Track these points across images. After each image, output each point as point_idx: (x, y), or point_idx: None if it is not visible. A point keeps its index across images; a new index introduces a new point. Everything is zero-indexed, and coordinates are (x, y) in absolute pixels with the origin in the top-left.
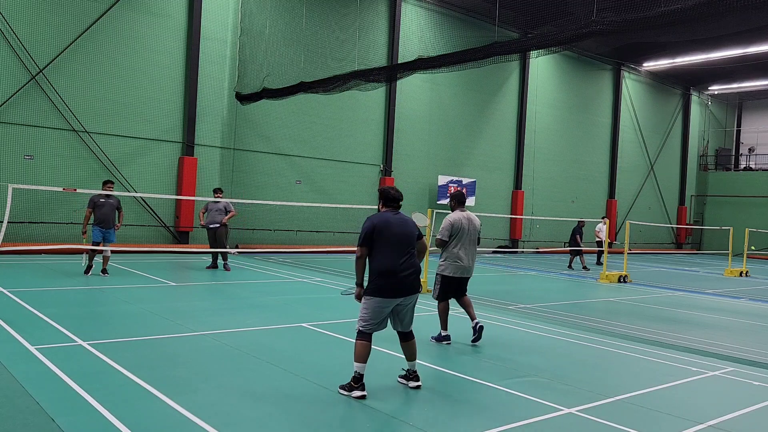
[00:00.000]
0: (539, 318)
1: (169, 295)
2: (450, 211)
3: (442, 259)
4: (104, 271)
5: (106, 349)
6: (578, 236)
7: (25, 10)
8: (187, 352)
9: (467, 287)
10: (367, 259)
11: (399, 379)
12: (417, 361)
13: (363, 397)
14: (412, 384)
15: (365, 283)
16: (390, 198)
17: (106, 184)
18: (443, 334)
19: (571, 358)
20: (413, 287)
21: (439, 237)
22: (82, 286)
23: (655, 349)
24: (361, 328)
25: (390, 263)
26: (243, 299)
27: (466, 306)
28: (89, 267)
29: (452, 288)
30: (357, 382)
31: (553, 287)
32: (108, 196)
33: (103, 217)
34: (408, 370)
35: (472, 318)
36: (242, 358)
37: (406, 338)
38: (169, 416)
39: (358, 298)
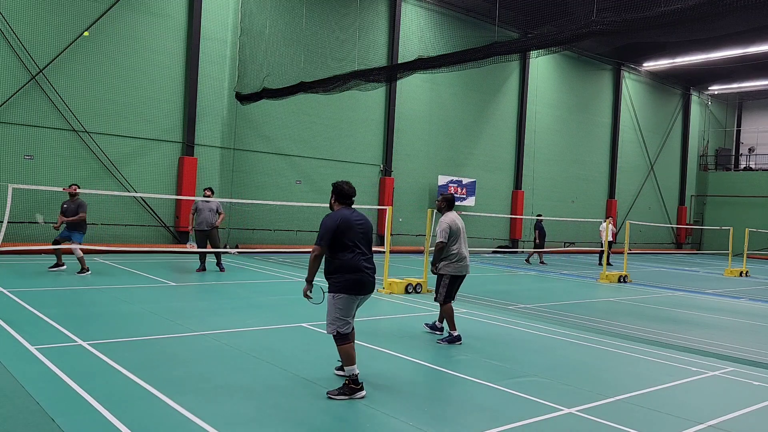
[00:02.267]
0: (539, 318)
1: (169, 295)
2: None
3: (442, 261)
4: (83, 270)
5: (106, 349)
6: (537, 231)
7: (25, 10)
8: (187, 352)
9: None
10: (331, 259)
11: (336, 371)
12: (417, 361)
13: (364, 396)
14: (339, 372)
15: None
16: (344, 194)
17: (70, 187)
18: (454, 334)
19: (571, 358)
20: (374, 285)
21: (439, 240)
22: (83, 286)
23: (655, 349)
24: (340, 330)
25: (356, 260)
26: (243, 299)
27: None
28: (57, 264)
29: (457, 287)
30: (356, 383)
31: (553, 287)
32: (72, 197)
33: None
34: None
35: (440, 320)
36: (242, 358)
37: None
38: (169, 416)
39: (305, 293)
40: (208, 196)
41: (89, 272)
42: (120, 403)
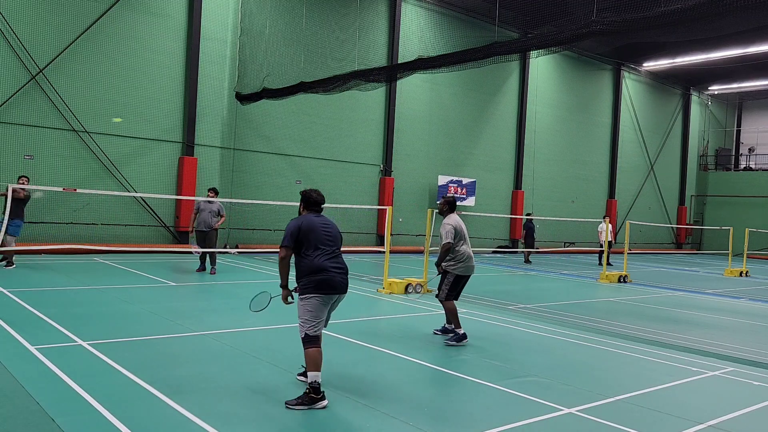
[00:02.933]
0: (539, 318)
1: (169, 295)
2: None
3: (449, 261)
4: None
5: (106, 349)
6: (525, 231)
7: (25, 10)
8: (187, 352)
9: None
10: (298, 262)
11: (298, 377)
12: (417, 361)
13: (325, 406)
14: (302, 378)
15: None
16: (312, 201)
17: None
18: (460, 332)
19: (571, 358)
20: (345, 285)
21: (447, 241)
22: (82, 286)
23: (655, 349)
24: (308, 332)
25: (321, 261)
26: (243, 299)
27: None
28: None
29: (461, 286)
30: (317, 393)
31: (553, 287)
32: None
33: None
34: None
35: (448, 322)
36: (242, 358)
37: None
38: (169, 416)
39: (285, 299)
40: (212, 197)
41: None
42: (120, 403)
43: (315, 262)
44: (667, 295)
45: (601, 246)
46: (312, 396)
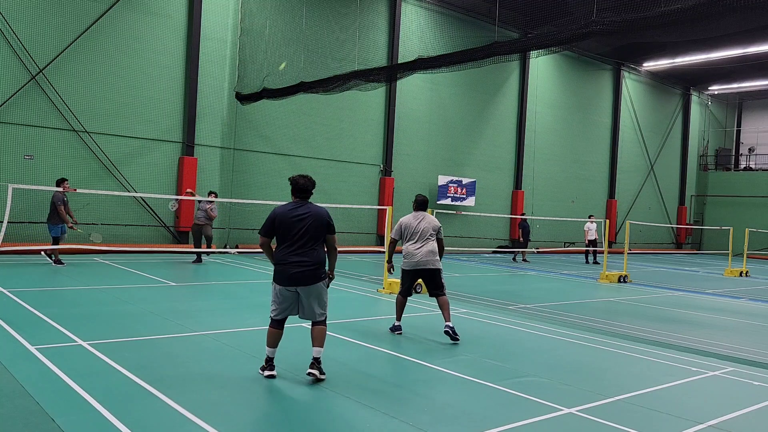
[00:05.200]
0: (539, 318)
1: (168, 295)
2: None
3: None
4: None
5: (106, 349)
6: (521, 230)
7: (25, 10)
8: (187, 352)
9: (441, 284)
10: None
11: (309, 370)
12: (417, 361)
13: (272, 376)
14: (310, 370)
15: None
16: (297, 188)
17: (62, 182)
18: (396, 324)
19: (571, 358)
20: (305, 278)
21: (391, 237)
22: (82, 286)
23: (655, 349)
24: (270, 315)
25: (282, 254)
26: (243, 299)
27: (442, 307)
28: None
29: (412, 281)
30: (267, 363)
31: (553, 287)
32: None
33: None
34: (314, 357)
35: (446, 320)
36: (242, 358)
37: (312, 324)
38: (169, 416)
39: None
40: (212, 198)
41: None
42: (120, 403)
43: (278, 255)
44: (667, 295)
45: (587, 245)
46: (263, 366)
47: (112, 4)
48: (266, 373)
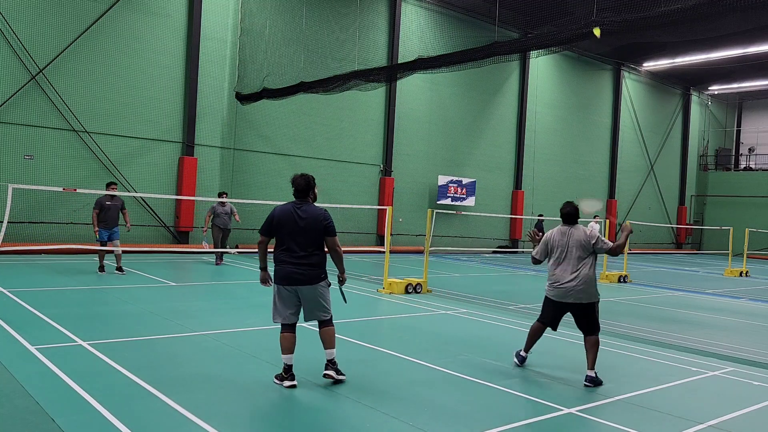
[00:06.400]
0: None
1: (169, 295)
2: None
3: None
4: (119, 268)
5: (106, 349)
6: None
7: (25, 10)
8: (187, 352)
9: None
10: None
11: (325, 371)
12: (417, 361)
13: (293, 386)
14: (325, 372)
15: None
16: (294, 188)
17: (110, 185)
18: (521, 353)
19: (571, 358)
20: (302, 279)
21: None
22: (82, 286)
23: (654, 349)
24: (273, 320)
25: (278, 254)
26: (243, 299)
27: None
28: (102, 266)
29: (552, 311)
30: (287, 372)
31: None
32: (113, 197)
33: (109, 218)
34: (327, 360)
35: (588, 366)
36: (242, 358)
37: (320, 326)
38: (169, 416)
39: (262, 281)
40: (223, 200)
41: (124, 272)
42: (120, 403)
43: (275, 255)
44: (667, 295)
45: None
46: (282, 375)
47: (112, 4)
48: (286, 383)
